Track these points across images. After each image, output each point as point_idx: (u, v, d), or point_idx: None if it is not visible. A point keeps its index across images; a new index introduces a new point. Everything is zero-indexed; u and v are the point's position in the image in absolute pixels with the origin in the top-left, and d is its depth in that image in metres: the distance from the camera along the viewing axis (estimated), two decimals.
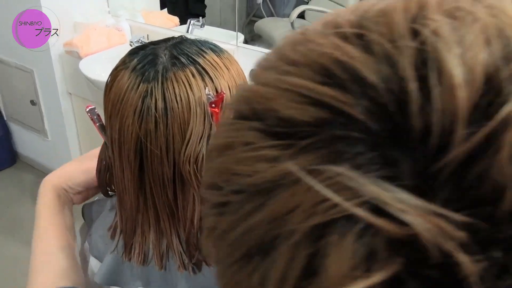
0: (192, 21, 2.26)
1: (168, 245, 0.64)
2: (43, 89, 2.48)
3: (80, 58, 2.16)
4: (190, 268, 0.64)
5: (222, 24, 3.13)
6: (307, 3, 3.29)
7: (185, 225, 0.61)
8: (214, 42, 0.63)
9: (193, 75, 0.57)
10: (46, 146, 2.74)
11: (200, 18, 2.33)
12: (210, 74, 0.58)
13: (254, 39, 3.27)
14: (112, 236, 0.69)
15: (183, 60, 0.57)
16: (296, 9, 2.91)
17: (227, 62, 0.61)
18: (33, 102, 2.54)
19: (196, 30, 2.29)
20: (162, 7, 2.66)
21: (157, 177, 0.59)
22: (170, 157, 0.57)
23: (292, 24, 2.84)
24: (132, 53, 0.60)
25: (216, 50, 0.61)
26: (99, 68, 2.16)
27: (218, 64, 0.60)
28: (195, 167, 0.58)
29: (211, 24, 3.16)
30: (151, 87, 0.55)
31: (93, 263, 0.73)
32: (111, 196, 0.73)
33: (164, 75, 0.56)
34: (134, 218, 0.63)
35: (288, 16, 3.03)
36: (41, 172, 2.90)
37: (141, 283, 0.68)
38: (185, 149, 0.57)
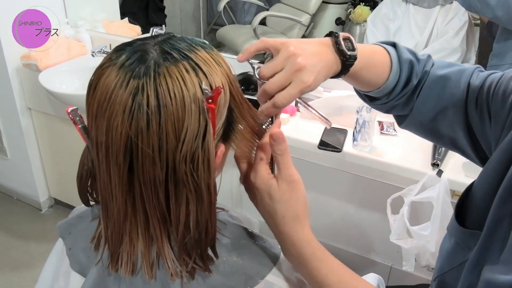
0: (155, 29, 2.21)
1: (158, 252, 0.60)
2: (0, 105, 2.37)
3: (39, 71, 2.08)
4: (183, 276, 0.60)
5: (183, 33, 3.10)
6: (267, 9, 3.31)
7: (177, 230, 0.58)
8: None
9: (187, 71, 0.54)
10: (5, 165, 2.61)
11: (163, 26, 2.29)
12: (204, 70, 0.55)
13: (217, 47, 3.26)
14: (96, 248, 0.65)
15: (175, 55, 0.54)
16: (258, 15, 2.92)
17: (218, 59, 0.59)
18: None
19: None
20: (122, 17, 2.60)
21: (148, 179, 0.55)
22: (162, 157, 0.54)
23: (254, 30, 2.85)
24: (119, 49, 0.57)
25: (205, 47, 0.59)
26: (60, 80, 2.08)
27: (210, 60, 0.57)
28: (191, 167, 0.55)
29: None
30: (143, 83, 0.52)
31: (76, 278, 0.68)
32: (91, 205, 0.69)
33: (156, 70, 0.53)
34: (121, 226, 0.59)
35: (249, 23, 3.03)
36: (0, 193, 2.76)
37: None
38: (181, 148, 0.54)
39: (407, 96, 0.81)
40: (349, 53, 0.68)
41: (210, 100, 0.53)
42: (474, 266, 0.71)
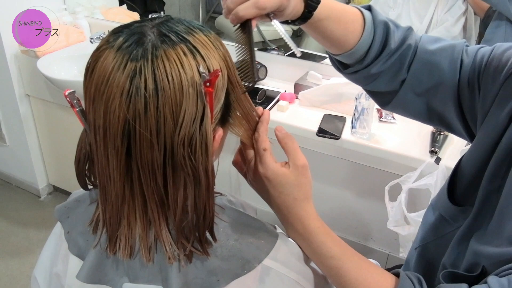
0: (153, 16, 2.20)
1: (156, 236, 0.60)
2: None
3: (37, 57, 2.07)
4: (181, 260, 0.61)
5: None
6: None
7: (175, 213, 0.58)
8: None
9: (185, 54, 0.53)
10: (4, 152, 2.62)
11: (162, 13, 2.28)
12: (202, 53, 0.55)
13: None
14: (94, 231, 0.65)
15: (173, 37, 0.54)
16: None
17: (216, 42, 0.59)
18: None
19: None
20: (120, 4, 2.58)
21: (146, 163, 0.55)
22: (160, 141, 0.54)
23: None
24: (116, 31, 0.56)
25: (203, 30, 0.58)
26: (59, 66, 2.08)
27: (208, 43, 0.57)
28: (189, 151, 0.55)
29: None
30: (140, 66, 0.52)
31: (75, 262, 0.68)
32: (89, 189, 0.69)
33: (153, 53, 0.52)
34: (119, 209, 0.59)
35: None
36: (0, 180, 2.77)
37: (127, 279, 0.64)
38: (179, 132, 0.53)
39: (389, 65, 0.78)
40: None
41: (208, 84, 0.53)
42: (463, 239, 0.74)
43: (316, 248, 0.66)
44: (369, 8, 0.77)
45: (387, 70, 0.79)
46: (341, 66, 0.83)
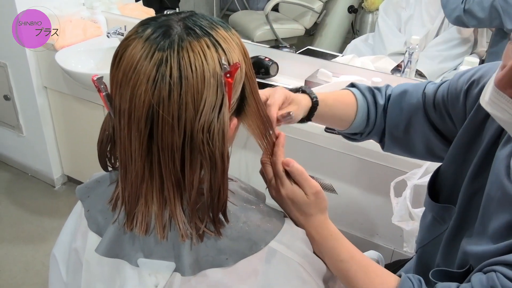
0: (168, 12, 2.25)
1: (171, 215, 0.65)
2: (17, 84, 2.43)
3: (55, 50, 2.13)
4: (193, 238, 0.65)
5: None
6: None
7: (190, 194, 0.63)
8: None
9: (208, 46, 0.58)
10: (21, 143, 2.69)
11: (177, 9, 2.32)
12: (223, 47, 0.60)
13: None
14: (113, 209, 0.69)
15: (197, 31, 0.59)
16: (270, 1, 2.92)
17: (235, 38, 0.63)
18: (6, 97, 2.48)
19: None
20: (137, 0, 2.63)
21: (166, 145, 0.59)
22: (181, 126, 0.58)
23: (267, 16, 2.86)
24: (144, 23, 0.61)
25: (225, 26, 0.63)
26: (76, 60, 2.13)
27: (229, 38, 0.61)
28: (207, 136, 0.59)
29: None
30: (167, 56, 0.56)
31: (93, 238, 0.73)
32: (109, 171, 0.73)
33: (179, 44, 0.57)
34: (138, 188, 0.64)
35: (261, 9, 3.04)
36: (15, 169, 2.83)
37: (142, 254, 0.68)
38: (199, 118, 0.58)
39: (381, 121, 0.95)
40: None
41: (228, 75, 0.58)
42: (453, 239, 0.79)
43: (328, 252, 0.74)
44: (352, 85, 0.98)
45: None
46: (350, 139, 1.03)
